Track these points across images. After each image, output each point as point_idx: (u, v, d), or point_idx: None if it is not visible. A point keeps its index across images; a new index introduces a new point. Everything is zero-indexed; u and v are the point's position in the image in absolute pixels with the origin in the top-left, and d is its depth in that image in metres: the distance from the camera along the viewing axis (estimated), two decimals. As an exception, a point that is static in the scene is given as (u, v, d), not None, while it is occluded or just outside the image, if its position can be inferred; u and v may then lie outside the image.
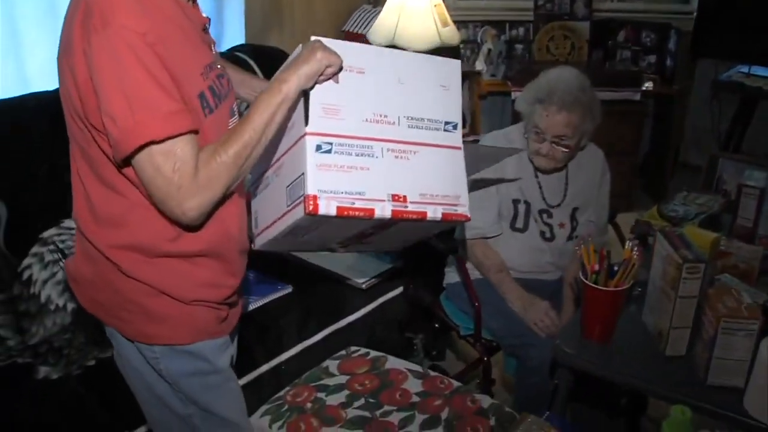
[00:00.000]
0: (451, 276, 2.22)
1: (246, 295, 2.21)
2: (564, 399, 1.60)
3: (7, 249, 1.98)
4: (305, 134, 1.18)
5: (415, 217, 1.23)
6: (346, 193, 1.17)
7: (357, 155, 1.20)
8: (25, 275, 2.02)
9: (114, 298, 1.30)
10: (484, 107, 3.88)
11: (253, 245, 1.42)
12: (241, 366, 1.96)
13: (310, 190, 1.15)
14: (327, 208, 1.16)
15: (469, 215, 1.29)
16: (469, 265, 2.12)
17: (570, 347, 1.58)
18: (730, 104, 3.69)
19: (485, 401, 1.73)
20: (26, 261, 2.02)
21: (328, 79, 1.19)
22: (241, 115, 1.32)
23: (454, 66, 1.33)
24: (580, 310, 1.62)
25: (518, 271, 2.11)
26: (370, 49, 1.30)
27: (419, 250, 2.32)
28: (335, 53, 1.17)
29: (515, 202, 2.10)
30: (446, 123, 1.29)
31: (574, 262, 2.14)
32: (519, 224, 2.11)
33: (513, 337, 2.00)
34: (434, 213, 1.25)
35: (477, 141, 2.98)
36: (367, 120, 1.22)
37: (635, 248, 1.57)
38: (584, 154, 2.14)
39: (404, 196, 1.22)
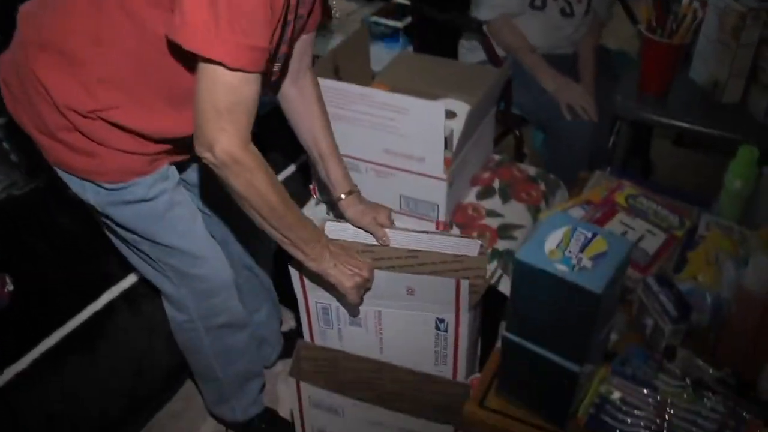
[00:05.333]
0: (468, 56, 2.19)
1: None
2: (624, 153, 1.68)
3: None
4: None
5: None
6: None
7: None
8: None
9: (37, 121, 1.18)
10: None
11: None
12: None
13: None
14: None
15: None
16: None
17: (630, 101, 1.63)
18: None
19: (531, 170, 1.78)
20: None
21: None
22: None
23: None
24: (640, 66, 1.66)
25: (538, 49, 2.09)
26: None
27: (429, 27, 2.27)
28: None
29: None
30: None
31: (589, 35, 2.16)
32: (537, 2, 2.07)
33: (543, 111, 2.04)
34: None
35: None
36: None
37: (695, 2, 1.60)
38: None
39: None
